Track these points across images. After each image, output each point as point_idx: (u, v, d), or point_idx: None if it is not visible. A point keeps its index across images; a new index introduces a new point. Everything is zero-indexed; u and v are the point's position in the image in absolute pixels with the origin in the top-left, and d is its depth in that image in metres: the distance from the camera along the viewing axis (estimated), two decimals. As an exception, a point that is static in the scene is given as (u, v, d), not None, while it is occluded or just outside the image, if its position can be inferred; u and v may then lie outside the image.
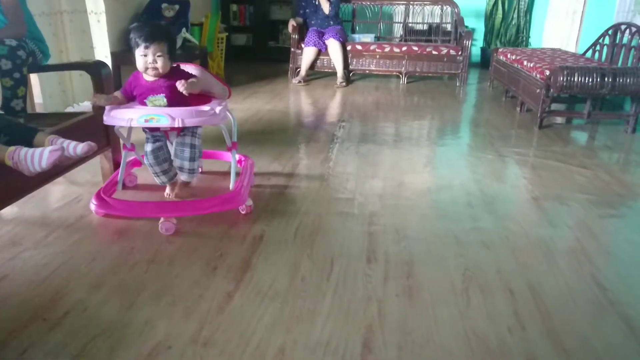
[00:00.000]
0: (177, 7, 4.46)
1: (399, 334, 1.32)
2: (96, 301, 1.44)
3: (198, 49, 4.68)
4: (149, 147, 1.94)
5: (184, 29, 4.36)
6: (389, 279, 1.58)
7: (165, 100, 1.85)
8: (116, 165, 2.30)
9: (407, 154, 2.89)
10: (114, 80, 3.94)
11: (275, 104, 4.12)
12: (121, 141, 2.12)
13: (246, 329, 1.33)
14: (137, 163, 2.34)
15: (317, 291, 1.51)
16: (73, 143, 1.66)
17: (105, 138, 2.21)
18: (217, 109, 1.84)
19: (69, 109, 3.42)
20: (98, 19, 3.86)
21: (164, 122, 1.73)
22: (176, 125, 1.74)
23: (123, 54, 4.08)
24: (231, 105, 4.02)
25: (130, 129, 2.09)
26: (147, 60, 1.82)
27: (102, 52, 3.93)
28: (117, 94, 1.91)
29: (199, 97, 1.94)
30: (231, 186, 2.05)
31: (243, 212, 2.02)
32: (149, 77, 1.87)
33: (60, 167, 1.58)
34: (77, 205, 2.08)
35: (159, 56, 1.81)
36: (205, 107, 1.83)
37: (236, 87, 4.82)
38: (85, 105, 3.56)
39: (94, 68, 2.19)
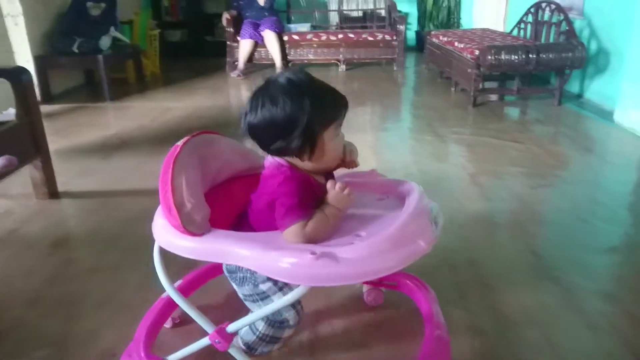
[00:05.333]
0: (103, 5, 4.27)
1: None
2: (36, 316, 1.38)
3: (130, 47, 4.54)
4: (296, 295, 0.94)
5: (112, 28, 4.19)
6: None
7: None
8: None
9: (349, 140, 2.91)
10: (41, 86, 3.81)
11: (215, 100, 4.05)
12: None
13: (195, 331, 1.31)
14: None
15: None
16: None
17: (33, 147, 2.10)
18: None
19: (-8, 119, 3.22)
20: (15, 22, 3.66)
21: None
22: None
23: (50, 58, 3.93)
24: (169, 103, 3.92)
25: None
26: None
27: (24, 56, 3.74)
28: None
29: None
30: None
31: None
32: (319, 177, 1.09)
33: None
34: (8, 219, 1.97)
35: None
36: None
37: (174, 84, 4.70)
38: (8, 114, 3.35)
39: (13, 74, 2.07)
